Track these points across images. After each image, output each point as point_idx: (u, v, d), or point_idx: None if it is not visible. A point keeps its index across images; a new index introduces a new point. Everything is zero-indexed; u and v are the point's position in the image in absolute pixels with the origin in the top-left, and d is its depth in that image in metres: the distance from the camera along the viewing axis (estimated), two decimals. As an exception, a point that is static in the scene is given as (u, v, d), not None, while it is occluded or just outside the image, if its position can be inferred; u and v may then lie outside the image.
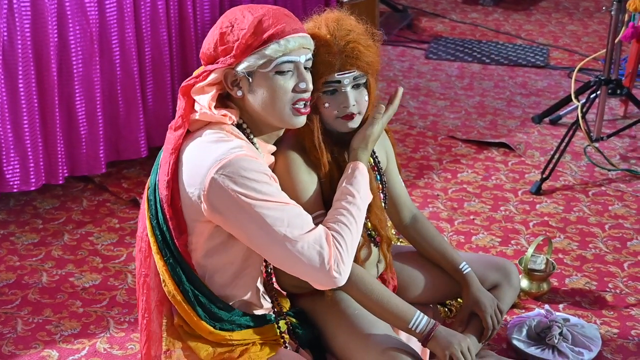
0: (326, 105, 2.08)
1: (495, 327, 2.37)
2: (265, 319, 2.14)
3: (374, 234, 2.24)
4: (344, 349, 2.18)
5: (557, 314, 2.76)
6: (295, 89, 1.99)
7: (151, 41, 3.62)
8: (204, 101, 1.98)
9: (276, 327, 2.14)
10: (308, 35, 2.01)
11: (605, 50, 3.92)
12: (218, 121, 1.99)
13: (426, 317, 2.14)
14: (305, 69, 2.00)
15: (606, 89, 3.93)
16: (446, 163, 3.98)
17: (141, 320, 2.13)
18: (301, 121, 2.03)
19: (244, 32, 1.94)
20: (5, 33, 3.17)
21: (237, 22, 1.96)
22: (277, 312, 2.16)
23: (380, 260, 2.32)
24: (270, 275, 2.18)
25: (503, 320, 2.47)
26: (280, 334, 2.14)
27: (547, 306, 2.78)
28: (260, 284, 2.18)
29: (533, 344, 2.66)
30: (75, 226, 3.41)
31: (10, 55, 3.21)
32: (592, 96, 3.99)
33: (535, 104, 4.66)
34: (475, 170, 3.91)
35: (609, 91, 3.96)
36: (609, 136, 4.05)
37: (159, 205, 2.02)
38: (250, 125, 2.04)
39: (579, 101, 3.93)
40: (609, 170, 3.89)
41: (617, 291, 3.01)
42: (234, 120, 2.01)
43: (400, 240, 2.95)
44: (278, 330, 2.14)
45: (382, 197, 2.29)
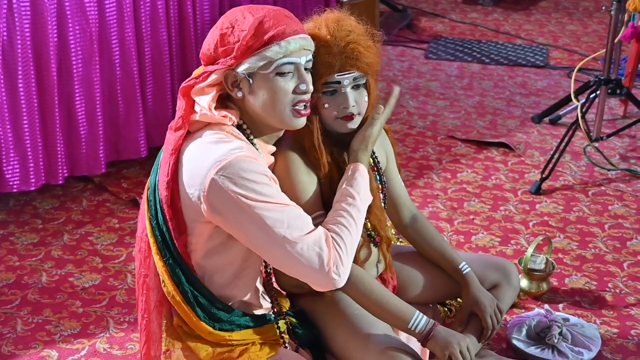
0: (326, 105, 2.07)
1: (494, 327, 2.36)
2: (265, 319, 2.14)
3: (373, 234, 2.24)
4: (343, 348, 2.18)
5: (557, 313, 2.76)
6: (296, 91, 1.98)
7: (151, 41, 3.62)
8: (204, 102, 1.98)
9: (276, 327, 2.14)
10: (309, 37, 2.01)
11: (604, 50, 3.92)
12: (218, 122, 1.99)
13: (425, 317, 2.14)
14: (306, 70, 2.00)
15: (606, 88, 3.93)
16: (446, 163, 3.98)
17: (141, 320, 2.13)
18: (301, 123, 2.03)
19: (244, 33, 1.94)
20: (4, 33, 3.17)
21: (238, 23, 1.96)
22: (277, 312, 2.15)
23: (379, 260, 2.32)
24: (270, 276, 2.18)
25: (503, 320, 2.47)
26: (280, 333, 2.14)
27: (546, 306, 2.78)
28: (259, 284, 2.18)
29: (533, 343, 2.66)
30: (74, 226, 3.41)
31: (10, 55, 3.21)
32: (591, 96, 3.98)
33: (534, 104, 4.66)
34: (475, 170, 3.91)
35: (609, 91, 3.95)
36: (609, 136, 4.04)
37: (158, 205, 2.02)
38: (250, 126, 2.04)
39: (578, 101, 3.93)
40: (608, 170, 3.89)
41: (617, 291, 3.01)
42: (234, 121, 2.01)
43: (400, 240, 2.95)
44: (278, 330, 2.14)
45: (382, 197, 2.28)
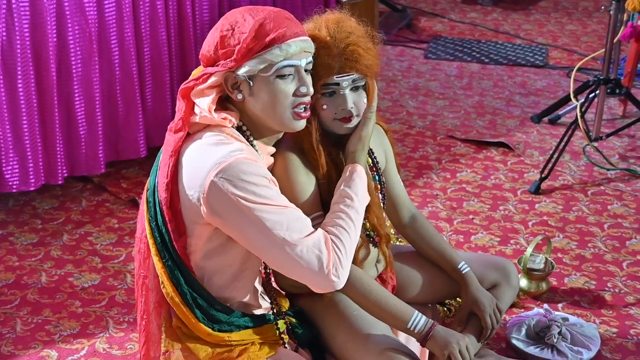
0: (324, 107, 2.07)
1: (494, 327, 2.37)
2: (265, 319, 2.14)
3: (372, 234, 2.24)
4: (342, 349, 2.18)
5: (556, 313, 2.76)
6: (296, 93, 1.98)
7: (150, 41, 3.62)
8: (204, 104, 1.98)
9: (275, 327, 2.14)
10: (309, 39, 2.00)
11: (604, 50, 3.92)
12: (218, 124, 1.99)
13: (424, 317, 2.14)
14: (306, 72, 2.00)
15: (605, 88, 3.93)
16: (445, 163, 3.98)
17: (140, 321, 2.13)
18: (301, 125, 2.02)
19: (245, 35, 1.93)
20: (4, 33, 3.17)
21: (238, 25, 1.95)
22: (276, 312, 2.16)
23: (379, 260, 2.32)
24: (269, 276, 2.18)
25: (502, 320, 2.47)
26: (280, 333, 2.14)
27: (546, 305, 2.78)
28: (258, 285, 2.18)
29: (532, 343, 2.66)
30: (74, 226, 3.41)
31: (9, 56, 3.21)
32: (591, 96, 3.98)
33: (534, 104, 4.66)
34: (475, 170, 3.91)
35: (608, 90, 3.96)
36: (608, 135, 4.04)
37: (158, 207, 2.02)
38: (250, 128, 2.04)
39: (578, 101, 3.93)
40: (608, 170, 3.89)
41: (616, 290, 3.01)
42: (234, 123, 2.00)
43: (399, 240, 2.95)
44: (277, 330, 2.14)
45: (381, 197, 2.28)
